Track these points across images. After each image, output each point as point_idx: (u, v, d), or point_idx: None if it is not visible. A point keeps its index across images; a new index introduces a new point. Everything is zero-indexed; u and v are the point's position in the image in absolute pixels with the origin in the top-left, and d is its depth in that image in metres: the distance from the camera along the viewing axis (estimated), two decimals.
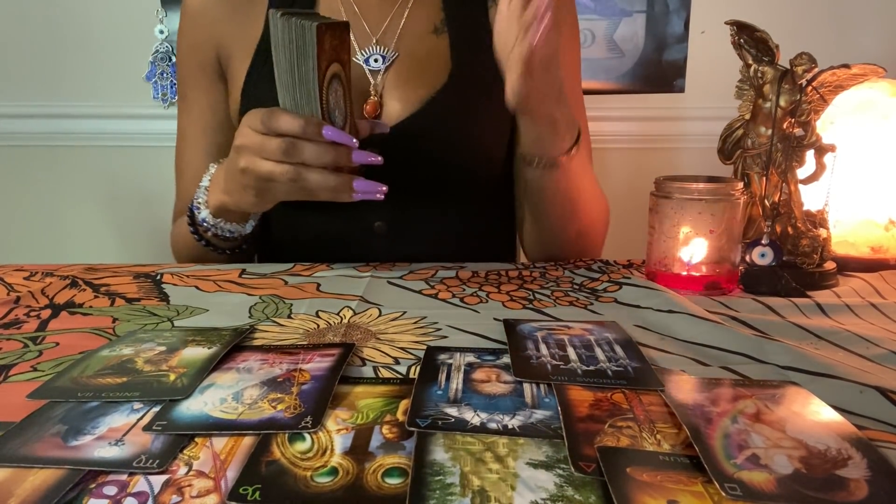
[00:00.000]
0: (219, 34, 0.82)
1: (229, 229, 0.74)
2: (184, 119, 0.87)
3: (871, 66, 0.63)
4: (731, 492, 0.28)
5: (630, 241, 1.22)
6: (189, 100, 0.85)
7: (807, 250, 0.64)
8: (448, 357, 0.45)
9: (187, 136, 0.86)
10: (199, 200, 0.73)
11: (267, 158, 0.63)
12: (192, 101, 0.85)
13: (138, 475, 0.30)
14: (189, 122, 0.86)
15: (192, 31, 0.83)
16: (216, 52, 0.82)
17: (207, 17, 0.82)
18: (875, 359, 0.45)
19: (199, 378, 0.40)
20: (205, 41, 0.82)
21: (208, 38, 0.82)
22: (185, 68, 0.85)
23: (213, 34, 0.82)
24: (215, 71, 0.83)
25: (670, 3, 1.40)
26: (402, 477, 0.30)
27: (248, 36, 0.80)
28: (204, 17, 0.82)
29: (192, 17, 0.83)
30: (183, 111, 0.87)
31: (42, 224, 1.62)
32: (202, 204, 0.73)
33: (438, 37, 0.81)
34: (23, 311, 0.57)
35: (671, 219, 0.62)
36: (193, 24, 0.83)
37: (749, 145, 0.66)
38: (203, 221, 0.73)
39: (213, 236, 0.74)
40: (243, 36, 0.81)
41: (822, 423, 0.35)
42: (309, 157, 0.62)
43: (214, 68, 0.83)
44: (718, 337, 0.49)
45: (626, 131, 1.46)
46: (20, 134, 1.55)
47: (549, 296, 0.61)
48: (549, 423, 0.35)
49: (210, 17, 0.82)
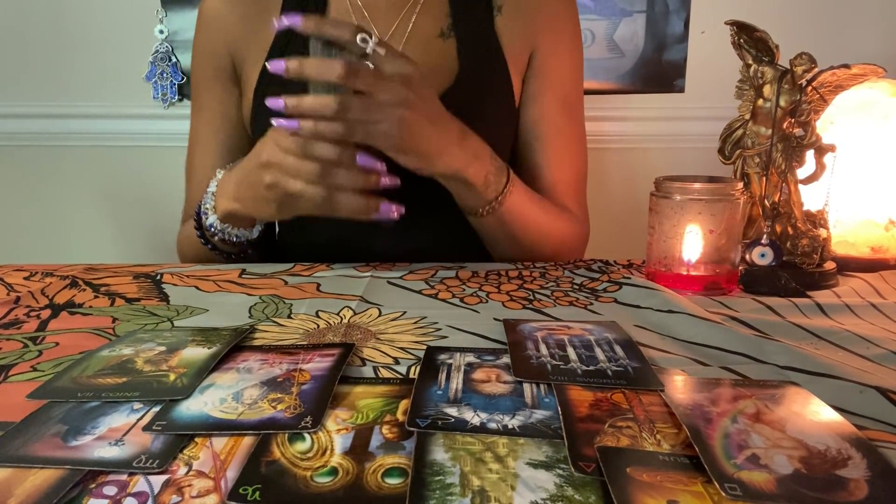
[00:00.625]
0: (233, 39, 0.82)
1: (236, 234, 0.74)
2: (196, 122, 0.87)
3: (871, 66, 0.63)
4: (731, 492, 0.28)
5: (630, 241, 1.22)
6: (202, 104, 0.86)
7: (807, 250, 0.64)
8: (448, 357, 0.45)
9: (199, 139, 0.87)
10: (206, 206, 0.73)
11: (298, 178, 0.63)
12: (205, 106, 0.86)
13: (138, 475, 0.30)
14: (201, 126, 0.86)
15: (208, 37, 0.84)
16: (230, 58, 0.83)
17: (222, 23, 0.83)
18: (875, 359, 0.45)
19: (199, 378, 0.40)
20: (219, 47, 0.83)
21: (223, 44, 0.83)
22: (200, 73, 0.86)
23: (228, 39, 0.83)
24: (229, 76, 0.84)
25: (670, 3, 1.40)
26: (402, 477, 0.30)
27: (261, 39, 0.81)
28: (219, 23, 0.83)
29: (207, 22, 0.84)
30: (196, 114, 0.87)
31: (42, 224, 1.62)
32: (209, 210, 0.73)
33: (445, 41, 0.82)
34: (23, 311, 0.57)
35: (671, 219, 0.62)
36: (209, 29, 0.84)
37: (749, 145, 0.66)
38: (210, 227, 0.73)
39: (220, 241, 0.75)
40: (256, 39, 0.81)
41: (822, 423, 0.35)
42: (342, 181, 0.62)
43: (228, 73, 0.84)
44: (718, 337, 0.49)
45: (626, 131, 1.46)
46: (20, 134, 1.55)
47: (549, 296, 0.61)
48: (549, 423, 0.35)
49: (225, 22, 0.83)
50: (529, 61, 0.85)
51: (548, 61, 0.85)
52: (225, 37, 0.83)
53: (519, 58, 0.84)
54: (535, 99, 0.85)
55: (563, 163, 0.86)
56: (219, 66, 0.84)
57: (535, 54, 0.84)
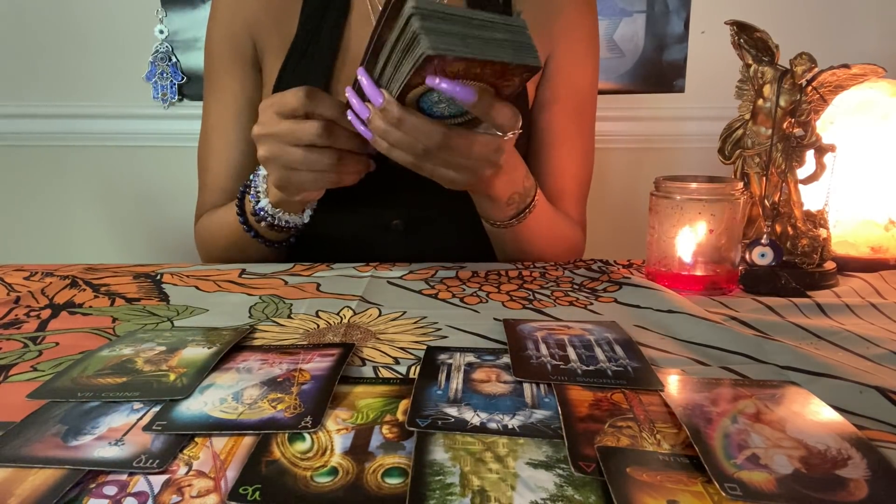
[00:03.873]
0: (256, 25, 0.81)
1: (286, 220, 0.70)
2: (213, 107, 0.84)
3: (871, 66, 0.63)
4: (731, 492, 0.28)
5: (630, 241, 1.22)
6: (220, 87, 0.83)
7: (807, 250, 0.64)
8: (448, 357, 0.45)
9: (217, 125, 0.83)
10: (257, 189, 0.69)
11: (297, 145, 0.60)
12: (224, 89, 0.83)
13: (138, 475, 0.30)
14: (220, 111, 0.83)
15: (229, 19, 0.82)
16: (252, 42, 0.81)
17: (245, 8, 0.81)
18: (875, 359, 0.45)
19: (199, 378, 0.40)
20: (242, 29, 0.81)
21: (245, 28, 0.81)
22: (218, 56, 0.83)
23: (251, 24, 0.81)
24: (250, 59, 0.82)
25: (670, 3, 1.40)
26: (402, 477, 0.30)
27: (283, 33, 0.80)
28: (242, 6, 0.81)
29: (228, 5, 0.82)
30: (211, 100, 0.84)
31: (42, 224, 1.62)
32: (262, 193, 0.69)
33: None
34: (23, 311, 0.57)
35: (671, 219, 0.62)
36: (230, 11, 0.82)
37: (749, 145, 0.66)
38: (260, 210, 0.69)
39: (268, 227, 0.71)
40: (279, 33, 0.80)
41: (822, 423, 0.35)
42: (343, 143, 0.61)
43: (250, 56, 0.82)
44: (718, 337, 0.49)
45: (626, 131, 1.46)
46: (20, 134, 1.55)
47: (549, 296, 0.61)
48: (549, 423, 0.35)
49: (248, 9, 0.81)
50: (544, 67, 0.84)
51: (563, 69, 0.83)
52: (246, 20, 0.81)
53: None
54: (546, 106, 0.84)
55: (566, 173, 0.85)
56: (239, 50, 0.82)
57: (549, 60, 0.83)
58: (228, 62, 0.82)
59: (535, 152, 0.85)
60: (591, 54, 0.86)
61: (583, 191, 0.88)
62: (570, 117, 0.85)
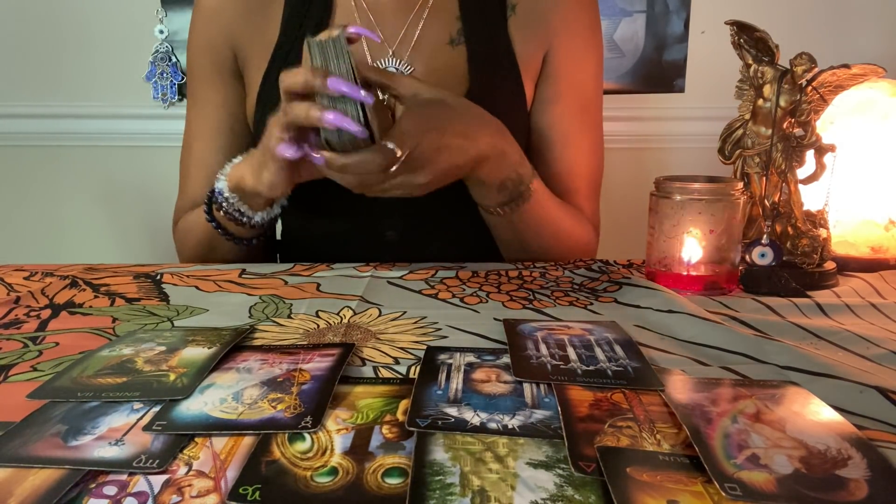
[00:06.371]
0: (236, 34, 0.80)
1: (239, 209, 0.70)
2: (194, 117, 0.84)
3: (871, 66, 0.63)
4: (731, 492, 0.28)
5: (630, 241, 1.22)
6: (201, 98, 0.84)
7: (807, 250, 0.64)
8: (448, 357, 0.45)
9: (198, 134, 0.84)
10: (223, 172, 0.71)
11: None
12: (205, 100, 0.83)
13: (138, 475, 0.30)
14: (200, 121, 0.84)
15: (207, 29, 0.81)
16: (232, 52, 0.81)
17: (224, 17, 0.80)
18: (875, 359, 0.45)
19: (199, 378, 0.40)
20: (221, 40, 0.81)
21: (225, 38, 0.81)
22: (198, 66, 0.83)
23: (230, 34, 0.80)
24: (231, 69, 0.82)
25: (670, 3, 1.40)
26: (402, 477, 0.30)
27: (265, 40, 0.79)
28: (220, 16, 0.80)
29: (207, 15, 0.81)
30: (193, 109, 0.85)
31: (42, 224, 1.62)
32: (222, 176, 0.70)
33: (454, 48, 0.79)
34: (23, 311, 0.57)
35: (671, 219, 0.62)
36: (209, 22, 0.81)
37: (749, 145, 0.66)
38: (219, 193, 0.70)
39: (225, 215, 0.71)
40: (260, 39, 0.80)
41: (822, 423, 0.35)
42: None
43: (230, 67, 0.82)
44: (718, 337, 0.49)
45: (626, 131, 1.46)
46: (20, 134, 1.55)
47: (549, 296, 0.61)
48: (549, 423, 0.35)
49: (227, 17, 0.80)
50: (543, 63, 0.82)
51: (563, 65, 0.82)
52: (227, 31, 0.80)
53: (532, 62, 0.81)
54: (548, 104, 0.83)
55: (573, 172, 0.84)
56: (218, 60, 0.81)
57: (548, 56, 0.82)
58: (208, 73, 0.82)
59: (541, 152, 0.84)
60: (592, 48, 0.84)
61: (593, 190, 0.87)
62: (574, 115, 0.83)
